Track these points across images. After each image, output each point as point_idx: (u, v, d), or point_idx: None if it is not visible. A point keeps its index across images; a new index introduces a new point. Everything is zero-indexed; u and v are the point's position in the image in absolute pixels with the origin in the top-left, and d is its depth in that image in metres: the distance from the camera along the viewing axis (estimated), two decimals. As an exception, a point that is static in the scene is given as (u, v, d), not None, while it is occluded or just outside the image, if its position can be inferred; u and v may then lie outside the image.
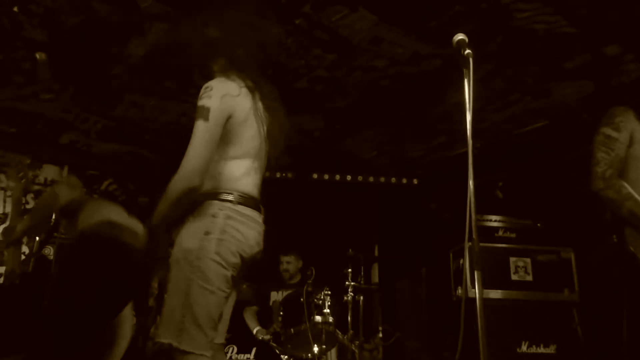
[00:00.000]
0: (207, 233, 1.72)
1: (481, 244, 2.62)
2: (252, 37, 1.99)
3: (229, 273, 1.73)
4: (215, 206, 1.77)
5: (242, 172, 1.86)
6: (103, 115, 4.33)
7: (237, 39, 1.95)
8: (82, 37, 3.21)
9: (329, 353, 3.69)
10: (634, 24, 3.05)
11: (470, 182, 1.68)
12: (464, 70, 1.83)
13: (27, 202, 4.86)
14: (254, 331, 3.66)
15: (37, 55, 2.23)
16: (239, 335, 3.30)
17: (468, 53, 1.83)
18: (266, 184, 5.97)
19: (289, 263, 4.34)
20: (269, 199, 5.82)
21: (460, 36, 1.93)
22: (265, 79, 2.06)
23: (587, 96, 3.90)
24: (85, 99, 4.09)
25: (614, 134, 2.41)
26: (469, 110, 1.76)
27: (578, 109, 4.10)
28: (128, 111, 4.26)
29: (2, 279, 4.63)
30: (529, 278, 3.92)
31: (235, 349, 3.18)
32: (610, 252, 2.52)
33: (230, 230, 1.75)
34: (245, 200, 1.83)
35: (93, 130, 4.65)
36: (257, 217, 1.90)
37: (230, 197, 1.80)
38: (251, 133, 1.88)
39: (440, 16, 2.99)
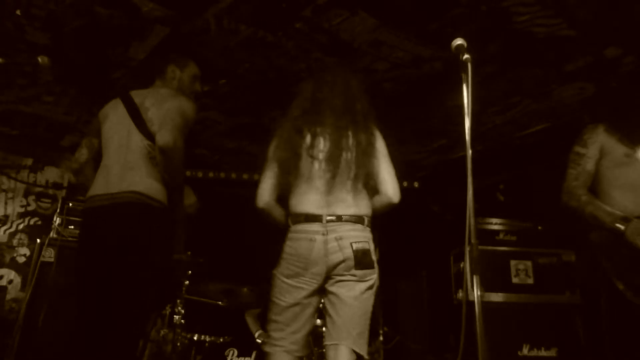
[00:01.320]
0: None
1: (482, 247, 2.63)
2: None
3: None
4: None
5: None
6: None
7: None
8: (83, 40, 3.22)
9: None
10: (634, 26, 3.05)
11: (470, 187, 1.68)
12: (463, 75, 1.83)
13: (29, 204, 4.88)
14: (256, 335, 3.66)
15: (39, 59, 2.25)
16: (239, 339, 3.30)
17: (467, 58, 1.84)
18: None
19: None
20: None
21: (459, 41, 1.94)
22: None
23: (588, 98, 3.89)
24: (87, 101, 4.11)
25: (582, 150, 2.62)
26: (468, 114, 1.76)
27: (579, 111, 4.10)
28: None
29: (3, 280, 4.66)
30: (530, 281, 3.92)
31: (236, 352, 3.17)
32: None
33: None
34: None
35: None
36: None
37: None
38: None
39: (441, 19, 2.98)
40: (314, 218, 2.07)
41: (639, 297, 2.32)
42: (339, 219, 2.07)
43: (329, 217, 2.07)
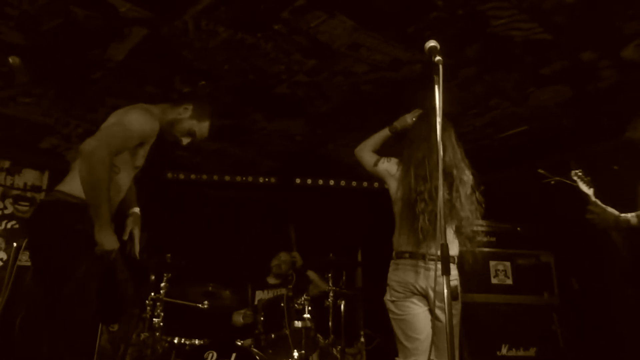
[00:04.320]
0: None
1: (462, 248, 2.66)
2: None
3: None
4: None
5: None
6: (84, 119, 4.30)
7: None
8: (60, 40, 3.19)
9: (310, 358, 3.69)
10: (608, 30, 3.10)
11: (440, 188, 1.70)
12: (435, 76, 1.85)
13: (6, 207, 4.81)
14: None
15: (10, 59, 2.23)
16: (218, 341, 3.29)
17: (438, 60, 1.86)
18: (249, 189, 5.97)
19: (285, 262, 4.36)
20: (252, 203, 5.81)
21: (431, 43, 1.97)
22: None
23: (565, 101, 3.95)
24: (66, 103, 4.06)
25: None
26: (439, 115, 1.78)
27: (557, 114, 4.15)
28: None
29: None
30: (509, 282, 3.97)
31: (215, 355, 3.15)
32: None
33: None
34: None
35: (74, 135, 4.61)
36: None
37: None
38: None
39: (419, 22, 3.01)
40: None
41: None
42: None
43: None
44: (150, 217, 2.80)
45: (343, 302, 3.99)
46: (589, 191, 2.76)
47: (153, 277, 3.51)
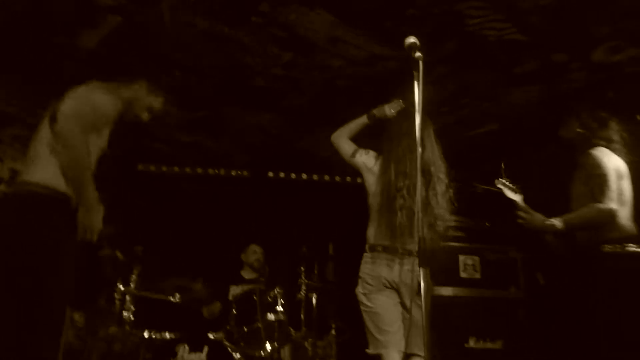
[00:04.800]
0: None
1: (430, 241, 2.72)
2: None
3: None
4: None
5: None
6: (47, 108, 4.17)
7: None
8: (28, 26, 3.09)
9: (282, 350, 3.70)
10: (580, 33, 3.20)
11: (419, 183, 1.73)
12: (414, 72, 1.88)
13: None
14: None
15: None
16: (190, 334, 3.26)
17: (418, 56, 1.89)
18: (221, 182, 5.92)
19: (261, 254, 4.35)
20: (225, 197, 5.76)
21: (411, 39, 1.99)
22: None
23: (535, 101, 4.05)
24: (32, 91, 3.94)
25: None
26: (419, 112, 1.81)
27: (526, 114, 4.26)
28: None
29: None
30: (477, 276, 4.05)
31: (187, 348, 3.13)
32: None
33: None
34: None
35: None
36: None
37: None
38: None
39: (396, 19, 3.04)
40: None
41: None
42: None
43: None
44: (120, 210, 2.75)
45: (315, 295, 4.01)
46: (516, 197, 2.86)
47: (140, 268, 3.44)
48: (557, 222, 2.62)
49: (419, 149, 1.79)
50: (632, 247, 2.56)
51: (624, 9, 2.96)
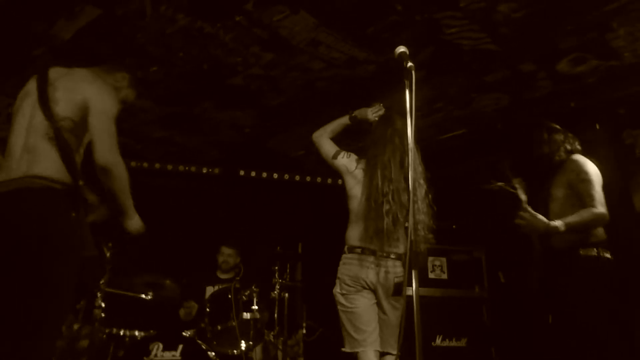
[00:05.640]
0: None
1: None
2: None
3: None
4: None
5: None
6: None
7: None
8: (2, 10, 2.98)
9: (254, 350, 3.72)
10: (547, 44, 3.36)
11: (411, 186, 1.79)
12: (406, 81, 1.94)
13: None
14: None
15: None
16: (164, 333, 3.23)
17: (410, 66, 1.95)
18: (192, 178, 5.83)
19: (230, 256, 4.32)
20: (195, 194, 5.67)
21: (401, 48, 2.05)
22: None
23: (503, 108, 4.22)
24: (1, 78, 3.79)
25: None
26: (411, 119, 1.87)
27: (493, 120, 4.42)
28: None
29: None
30: (444, 276, 4.18)
31: (161, 347, 3.10)
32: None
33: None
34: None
35: (4, 114, 4.32)
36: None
37: None
38: None
39: (378, 24, 3.10)
40: None
41: None
42: None
43: None
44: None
45: (287, 294, 4.04)
46: (524, 197, 2.86)
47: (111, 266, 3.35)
48: (560, 224, 2.63)
49: (410, 155, 1.85)
50: (603, 252, 2.72)
51: (588, 23, 3.13)
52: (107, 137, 2.03)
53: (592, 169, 2.81)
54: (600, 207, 2.67)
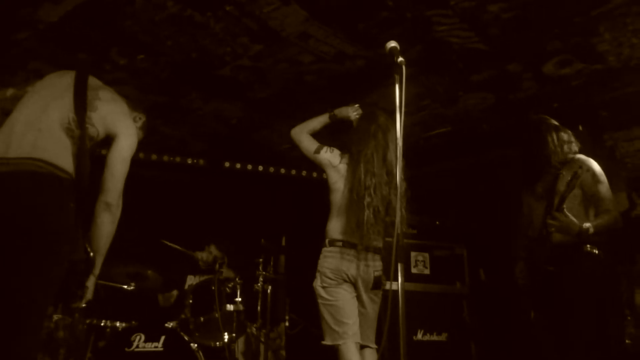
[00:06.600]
0: None
1: (387, 239, 2.82)
2: None
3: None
4: None
5: None
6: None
7: None
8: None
9: (237, 341, 3.71)
10: (534, 46, 3.40)
11: (400, 181, 1.80)
12: (396, 76, 1.95)
13: None
14: None
15: None
16: (146, 324, 3.21)
17: (401, 61, 1.96)
18: (177, 169, 5.78)
19: (210, 253, 4.29)
20: (179, 185, 5.61)
21: (392, 43, 2.06)
22: None
23: (488, 107, 4.26)
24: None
25: None
26: (400, 113, 1.88)
27: (479, 119, 4.47)
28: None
29: None
30: (427, 272, 4.23)
31: (143, 338, 3.08)
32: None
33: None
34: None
35: (-15, 98, 4.22)
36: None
37: None
38: None
39: (369, 20, 3.11)
40: None
41: None
42: None
43: None
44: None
45: (270, 287, 4.04)
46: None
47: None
48: (590, 227, 2.62)
49: (399, 151, 1.86)
50: (593, 249, 2.76)
51: (575, 26, 3.18)
52: (122, 179, 2.09)
53: (599, 169, 2.83)
54: (617, 209, 2.74)
